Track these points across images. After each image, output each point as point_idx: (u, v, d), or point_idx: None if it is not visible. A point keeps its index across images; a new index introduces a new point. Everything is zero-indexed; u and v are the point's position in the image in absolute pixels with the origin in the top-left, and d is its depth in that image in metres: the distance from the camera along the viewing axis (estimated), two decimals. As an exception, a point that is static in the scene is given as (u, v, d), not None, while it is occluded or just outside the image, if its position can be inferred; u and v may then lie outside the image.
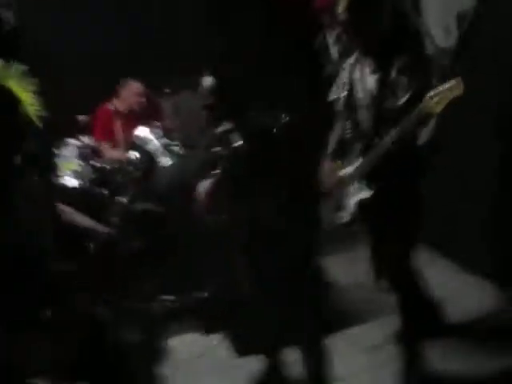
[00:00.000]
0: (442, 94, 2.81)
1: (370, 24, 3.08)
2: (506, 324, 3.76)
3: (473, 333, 3.74)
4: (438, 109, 2.84)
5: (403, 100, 3.02)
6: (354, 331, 3.98)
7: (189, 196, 4.23)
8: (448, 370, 3.43)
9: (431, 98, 2.83)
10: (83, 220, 3.15)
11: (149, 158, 4.34)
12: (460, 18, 4.01)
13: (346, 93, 3.26)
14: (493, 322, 3.82)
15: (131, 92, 5.04)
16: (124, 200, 4.38)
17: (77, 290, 2.85)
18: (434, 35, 4.22)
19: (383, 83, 3.08)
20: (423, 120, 2.97)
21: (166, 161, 4.47)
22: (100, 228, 3.15)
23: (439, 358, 3.49)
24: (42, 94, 2.72)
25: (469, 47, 3.81)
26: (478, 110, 3.67)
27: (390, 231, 3.26)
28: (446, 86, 2.81)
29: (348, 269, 3.65)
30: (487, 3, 3.66)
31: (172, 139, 4.59)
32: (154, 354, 4.10)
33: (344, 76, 3.29)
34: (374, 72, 3.14)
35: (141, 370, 3.69)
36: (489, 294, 4.03)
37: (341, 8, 3.07)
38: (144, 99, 5.07)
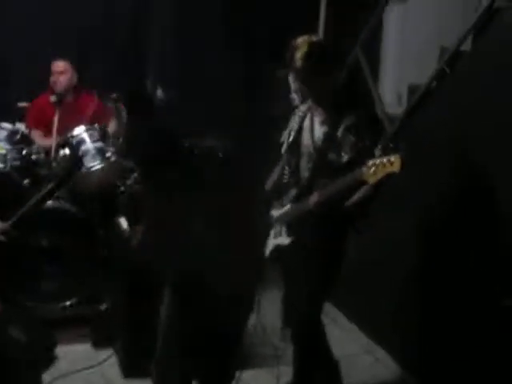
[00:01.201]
0: (380, 166, 2.80)
1: (321, 77, 3.10)
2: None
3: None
4: (373, 179, 2.83)
5: (345, 158, 3.04)
6: (246, 375, 3.92)
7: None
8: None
9: (369, 167, 2.81)
10: None
11: (78, 158, 4.21)
12: (411, 90, 4.11)
13: (292, 138, 3.26)
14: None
15: (53, 70, 4.86)
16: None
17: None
18: (387, 102, 4.32)
19: (330, 137, 3.09)
20: (356, 185, 2.98)
21: (94, 164, 4.34)
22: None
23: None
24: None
25: (414, 119, 3.89)
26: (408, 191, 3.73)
27: (302, 282, 3.26)
28: (385, 159, 2.80)
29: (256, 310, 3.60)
30: (439, 81, 3.76)
31: (108, 144, 4.47)
32: (38, 359, 3.93)
33: (295, 121, 3.30)
34: (322, 123, 3.15)
35: (20, 372, 3.53)
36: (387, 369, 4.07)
37: (298, 55, 3.08)
38: (65, 78, 4.82)
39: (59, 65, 4.87)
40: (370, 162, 2.79)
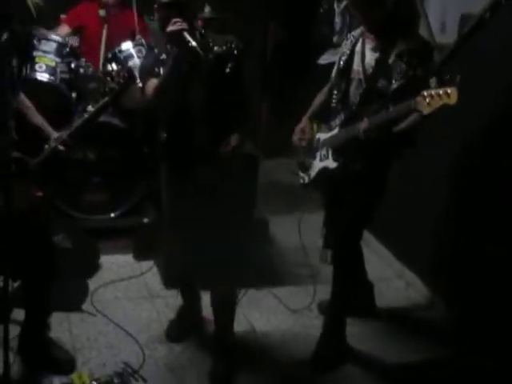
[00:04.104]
0: (436, 97, 2.75)
1: (376, 4, 3.06)
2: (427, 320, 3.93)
3: (395, 320, 3.90)
4: (427, 110, 2.79)
5: (395, 86, 3.05)
6: (284, 291, 4.07)
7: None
8: (364, 348, 3.58)
9: (424, 97, 2.78)
10: (35, 118, 3.07)
11: (127, 73, 4.24)
12: (463, 19, 4.04)
13: (342, 63, 3.26)
14: (415, 315, 3.99)
15: None
16: (90, 107, 4.29)
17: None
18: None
19: (381, 63, 3.09)
20: (409, 114, 2.99)
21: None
22: (49, 131, 3.08)
23: (359, 335, 3.65)
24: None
25: (465, 49, 3.85)
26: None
27: (345, 206, 3.33)
28: (441, 91, 2.76)
29: (295, 230, 3.70)
30: (494, 11, 3.69)
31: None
32: (84, 267, 4.09)
33: (346, 46, 3.28)
34: (374, 50, 3.14)
35: (68, 279, 3.69)
36: (418, 290, 4.19)
37: None
38: None
39: None
40: (426, 93, 2.78)
